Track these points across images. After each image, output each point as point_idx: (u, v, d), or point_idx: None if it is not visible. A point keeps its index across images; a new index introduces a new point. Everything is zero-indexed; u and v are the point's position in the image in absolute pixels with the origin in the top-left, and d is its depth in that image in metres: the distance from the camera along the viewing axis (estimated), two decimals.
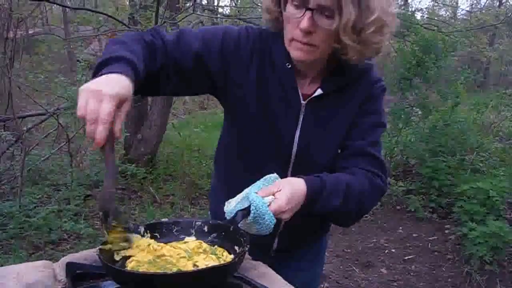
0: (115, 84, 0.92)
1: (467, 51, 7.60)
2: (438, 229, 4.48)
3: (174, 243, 1.08)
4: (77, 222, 3.86)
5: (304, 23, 1.09)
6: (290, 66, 1.24)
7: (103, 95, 0.88)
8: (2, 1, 5.75)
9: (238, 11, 6.58)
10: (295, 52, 1.17)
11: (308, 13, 1.09)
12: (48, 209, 3.88)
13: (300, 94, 1.27)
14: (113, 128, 0.90)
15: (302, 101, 1.27)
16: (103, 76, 0.94)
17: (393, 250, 4.12)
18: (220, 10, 8.47)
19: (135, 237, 1.06)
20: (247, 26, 1.31)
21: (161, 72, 1.18)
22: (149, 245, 1.05)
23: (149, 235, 1.11)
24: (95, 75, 0.98)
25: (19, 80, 5.58)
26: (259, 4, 6.02)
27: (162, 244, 1.07)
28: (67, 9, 7.72)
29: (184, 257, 1.01)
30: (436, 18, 8.36)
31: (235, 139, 1.37)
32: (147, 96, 1.16)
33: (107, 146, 0.89)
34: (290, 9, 1.13)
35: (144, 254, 1.01)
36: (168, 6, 4.70)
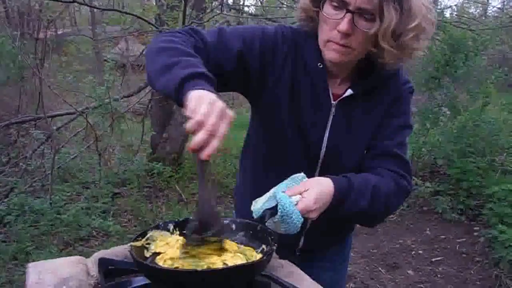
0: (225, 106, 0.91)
1: (498, 50, 7.40)
2: (466, 231, 4.38)
3: None
4: (105, 220, 3.93)
5: (344, 25, 1.09)
6: (322, 66, 1.24)
7: (225, 114, 0.89)
8: (33, 3, 5.91)
9: (264, 10, 6.59)
10: (330, 53, 1.16)
11: (348, 16, 1.08)
12: (78, 206, 3.96)
13: (331, 94, 1.27)
14: None
15: (332, 101, 1.27)
16: (212, 94, 0.92)
17: (420, 252, 4.06)
18: (246, 9, 8.50)
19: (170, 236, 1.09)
20: (281, 26, 1.31)
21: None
22: (177, 240, 1.07)
23: (178, 232, 1.13)
24: (182, 86, 0.95)
25: (49, 80, 5.71)
26: (284, 3, 6.02)
27: None
28: (95, 10, 7.85)
29: (211, 254, 1.02)
30: (465, 15, 8.17)
31: (263, 139, 1.37)
32: None
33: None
34: (328, 10, 1.12)
35: (174, 250, 1.03)
36: (195, 6, 4.74)
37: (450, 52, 5.09)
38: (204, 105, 0.88)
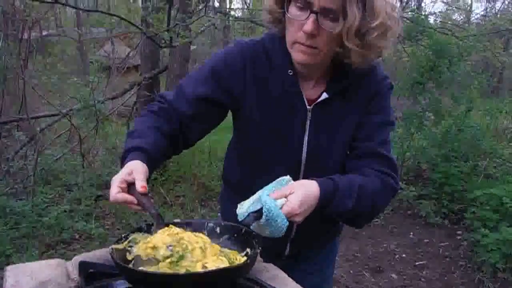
0: (125, 169, 1.10)
1: (481, 56, 7.51)
2: (450, 235, 4.43)
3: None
4: (88, 222, 3.89)
5: (308, 26, 1.09)
6: (292, 73, 1.24)
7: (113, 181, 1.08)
8: (17, 3, 5.82)
9: (250, 14, 6.60)
10: (298, 55, 1.16)
11: (312, 16, 1.08)
12: (60, 208, 3.90)
13: (305, 99, 1.26)
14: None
15: (307, 106, 1.26)
16: (130, 163, 1.13)
17: (404, 255, 4.08)
18: (232, 13, 8.48)
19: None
20: (237, 41, 1.33)
21: (180, 126, 1.26)
22: (169, 227, 1.06)
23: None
24: (123, 162, 1.17)
25: (33, 81, 5.63)
26: None
27: (182, 230, 1.07)
28: (80, 11, 7.77)
29: (200, 247, 1.00)
30: (449, 22, 8.28)
31: (244, 149, 1.38)
32: (181, 150, 1.35)
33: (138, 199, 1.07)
34: (293, 11, 1.12)
35: (164, 236, 1.01)
36: (180, 9, 4.72)
37: (435, 57, 5.15)
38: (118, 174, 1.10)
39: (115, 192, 1.05)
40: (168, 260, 0.97)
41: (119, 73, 6.61)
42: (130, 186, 1.08)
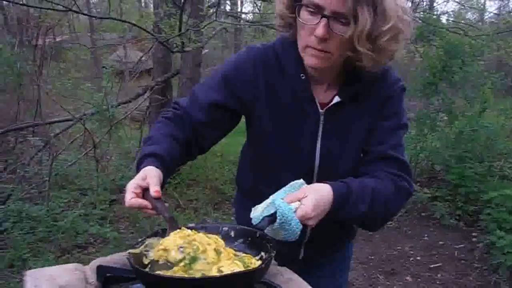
0: (139, 174, 1.12)
1: (494, 55, 7.42)
2: (464, 237, 4.38)
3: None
4: (103, 226, 3.92)
5: (320, 30, 1.09)
6: (304, 77, 1.24)
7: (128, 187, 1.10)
8: (32, 10, 5.92)
9: (261, 17, 6.61)
10: (310, 59, 1.17)
11: (324, 20, 1.09)
12: (75, 213, 3.94)
13: (317, 103, 1.26)
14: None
15: (320, 110, 1.26)
16: (145, 169, 1.15)
17: (418, 258, 4.05)
18: (243, 16, 8.52)
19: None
20: (249, 47, 1.34)
21: (194, 132, 1.28)
22: (181, 229, 1.07)
23: None
24: (138, 168, 1.19)
25: (47, 86, 5.71)
26: None
27: (194, 231, 1.08)
28: (93, 18, 7.86)
29: (214, 249, 1.01)
30: (462, 21, 8.20)
31: (256, 154, 1.39)
32: (196, 156, 1.39)
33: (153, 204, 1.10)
34: (304, 16, 1.13)
35: (175, 237, 1.02)
36: (191, 14, 4.75)
37: (447, 57, 5.11)
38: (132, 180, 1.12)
39: (130, 197, 1.07)
40: (182, 263, 0.98)
41: (131, 78, 6.67)
42: (145, 191, 1.10)
